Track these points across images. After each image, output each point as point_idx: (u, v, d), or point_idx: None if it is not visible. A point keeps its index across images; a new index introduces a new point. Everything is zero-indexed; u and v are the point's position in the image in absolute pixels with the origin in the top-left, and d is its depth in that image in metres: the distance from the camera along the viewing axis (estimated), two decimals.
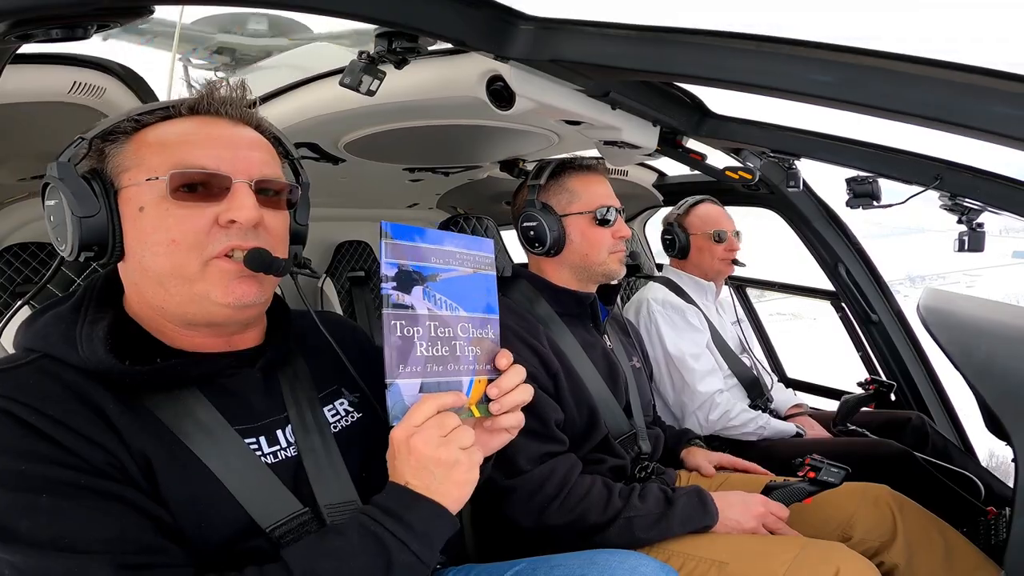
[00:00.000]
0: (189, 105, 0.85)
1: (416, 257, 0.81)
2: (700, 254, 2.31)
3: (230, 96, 0.86)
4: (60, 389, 0.73)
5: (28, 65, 1.17)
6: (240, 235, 0.80)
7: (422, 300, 0.80)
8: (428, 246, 0.82)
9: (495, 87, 1.27)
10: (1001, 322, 1.32)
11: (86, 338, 0.76)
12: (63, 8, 0.77)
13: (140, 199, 0.79)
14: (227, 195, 0.80)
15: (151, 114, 0.83)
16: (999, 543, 1.55)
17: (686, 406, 2.05)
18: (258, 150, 0.86)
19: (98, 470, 0.70)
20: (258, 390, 0.88)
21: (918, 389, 2.44)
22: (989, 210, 1.66)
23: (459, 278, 0.85)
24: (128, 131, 0.82)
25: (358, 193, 2.41)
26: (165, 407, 0.78)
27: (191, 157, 0.79)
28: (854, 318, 2.59)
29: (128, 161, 0.81)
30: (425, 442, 0.75)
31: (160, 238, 0.78)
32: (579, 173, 1.59)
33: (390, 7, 0.96)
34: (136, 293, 0.83)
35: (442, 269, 0.83)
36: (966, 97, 0.86)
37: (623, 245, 1.57)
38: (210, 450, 0.78)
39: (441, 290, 0.82)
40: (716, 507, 1.28)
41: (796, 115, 1.52)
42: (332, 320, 1.08)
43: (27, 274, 1.94)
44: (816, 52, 0.94)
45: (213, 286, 0.79)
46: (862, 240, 2.49)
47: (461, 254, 0.86)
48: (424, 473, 0.75)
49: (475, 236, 0.89)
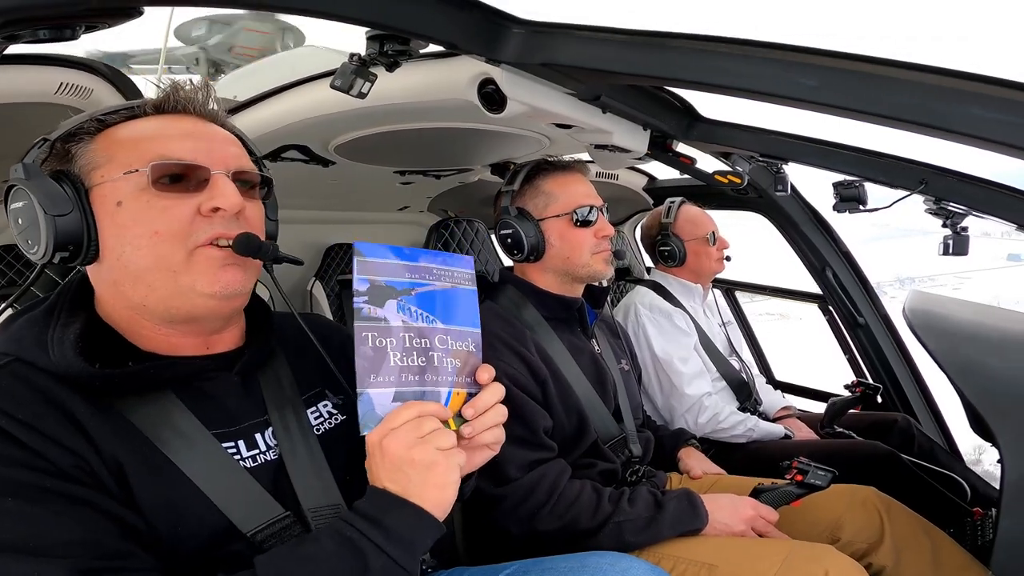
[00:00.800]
0: (154, 104, 0.84)
1: (389, 273, 0.82)
2: (697, 258, 2.30)
3: (194, 93, 0.86)
4: (30, 393, 0.72)
5: (14, 66, 1.16)
6: (223, 223, 0.80)
7: (396, 313, 0.81)
8: (402, 263, 0.83)
9: (486, 90, 1.27)
10: (985, 324, 1.34)
11: (57, 342, 0.75)
12: (51, 9, 0.76)
13: (117, 194, 0.78)
14: (207, 186, 0.80)
15: (115, 113, 0.83)
16: (985, 544, 1.56)
17: (675, 409, 2.06)
18: (232, 144, 0.87)
19: (66, 474, 0.68)
20: (236, 393, 0.87)
21: (904, 391, 2.47)
22: (973, 214, 1.68)
23: (437, 292, 0.85)
24: (92, 131, 0.81)
25: (348, 196, 2.40)
26: (139, 411, 0.77)
27: (168, 150, 0.79)
28: (841, 321, 2.62)
29: (98, 158, 0.79)
30: (398, 442, 0.74)
31: (142, 231, 0.77)
32: (555, 174, 1.56)
33: (382, 10, 0.96)
34: (112, 294, 0.82)
35: (418, 284, 0.84)
36: (947, 101, 0.87)
37: (607, 244, 1.55)
38: (186, 454, 0.77)
39: (417, 303, 0.83)
40: (706, 510, 1.29)
41: (784, 120, 1.53)
42: (317, 322, 1.07)
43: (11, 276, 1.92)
44: (801, 56, 0.95)
45: (199, 275, 0.78)
46: (863, 242, 2.51)
47: (438, 270, 0.86)
48: (399, 475, 0.74)
49: (453, 253, 0.90)
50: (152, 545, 0.72)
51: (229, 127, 0.91)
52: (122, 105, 0.84)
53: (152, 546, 0.72)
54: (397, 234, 2.93)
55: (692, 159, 1.89)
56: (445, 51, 1.23)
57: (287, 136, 1.61)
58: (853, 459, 1.80)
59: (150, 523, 0.73)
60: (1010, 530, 1.00)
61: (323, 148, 1.71)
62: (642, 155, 1.76)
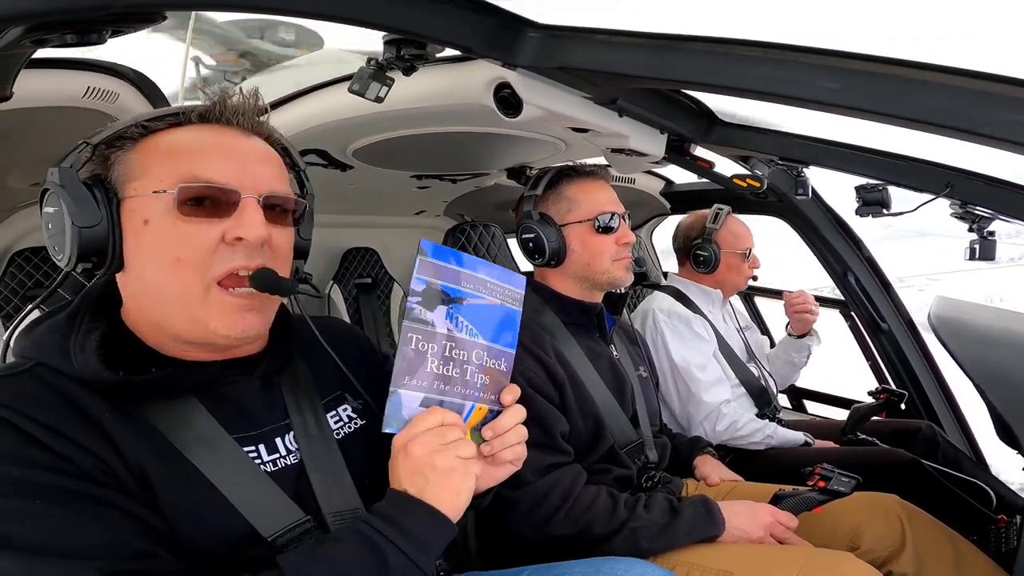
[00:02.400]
0: (200, 113, 0.82)
1: (447, 278, 0.82)
2: (728, 271, 2.26)
3: (242, 105, 0.84)
4: (54, 397, 0.73)
5: (42, 70, 1.19)
6: (246, 254, 0.78)
7: (444, 320, 0.82)
8: (461, 270, 0.84)
9: (502, 94, 1.28)
10: (1013, 331, 1.30)
11: (79, 348, 0.76)
12: (78, 14, 0.78)
13: (145, 211, 0.77)
14: (235, 211, 0.78)
15: (160, 120, 0.81)
16: (1009, 551, 1.53)
17: (692, 417, 2.04)
18: (268, 164, 0.84)
19: (91, 477, 0.69)
20: (257, 398, 0.87)
21: (928, 398, 2.42)
22: (1000, 218, 1.65)
23: (485, 306, 0.86)
24: (135, 137, 0.80)
25: (366, 200, 2.42)
26: (161, 416, 0.77)
27: (199, 169, 0.77)
28: (863, 327, 2.57)
29: (134, 170, 0.78)
30: (422, 447, 0.76)
31: (164, 254, 0.76)
32: (578, 180, 1.57)
33: (399, 15, 0.96)
34: (135, 306, 0.82)
35: (470, 294, 0.84)
36: (977, 103, 0.85)
37: (628, 252, 1.55)
38: (207, 459, 0.77)
39: (465, 314, 0.84)
40: (723, 516, 1.27)
41: (805, 122, 1.52)
42: (334, 326, 1.06)
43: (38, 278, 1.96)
44: (825, 59, 0.94)
45: (214, 317, 0.78)
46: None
47: (492, 284, 0.87)
48: (418, 477, 0.76)
49: (509, 270, 0.90)
50: (175, 549, 0.73)
51: (275, 140, 0.89)
52: (167, 111, 0.83)
53: (175, 550, 0.73)
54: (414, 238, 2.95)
55: (710, 163, 1.87)
56: (461, 55, 1.24)
57: (306, 140, 1.63)
58: (875, 466, 1.76)
59: (172, 527, 0.73)
60: None
61: (341, 152, 1.73)
62: (659, 159, 1.75)
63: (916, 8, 0.92)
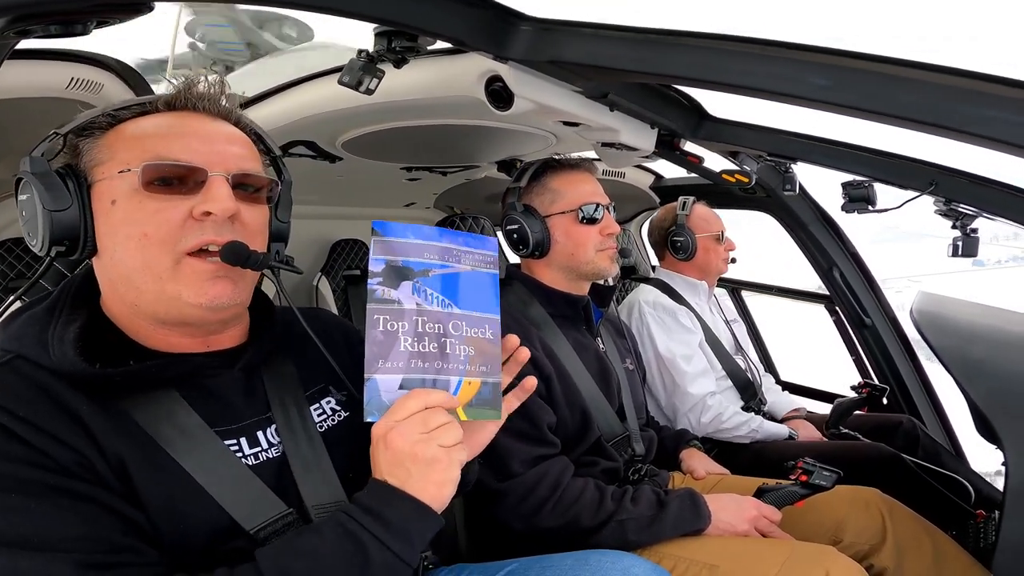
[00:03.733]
0: (166, 100, 0.83)
1: (407, 252, 0.79)
2: (706, 255, 2.33)
3: (208, 92, 0.85)
4: (32, 390, 0.72)
5: (26, 60, 1.17)
6: (215, 229, 0.78)
7: (410, 295, 0.78)
8: (421, 242, 0.80)
9: (494, 87, 1.27)
10: (993, 326, 1.33)
11: (57, 340, 0.75)
12: (62, 4, 0.77)
13: (112, 192, 0.78)
14: (202, 188, 0.78)
15: (127, 109, 0.82)
16: (988, 546, 1.56)
17: (678, 408, 2.06)
18: (236, 144, 0.85)
19: (68, 470, 0.69)
20: (239, 391, 0.86)
21: (910, 393, 2.46)
22: (984, 216, 1.67)
23: (456, 275, 0.81)
24: (103, 126, 0.81)
25: (355, 192, 2.41)
26: (141, 409, 0.77)
27: (165, 150, 0.78)
28: (848, 322, 2.60)
29: (102, 155, 0.80)
30: (402, 437, 0.73)
31: (132, 231, 0.77)
32: (561, 172, 1.57)
33: (390, 6, 0.96)
34: (111, 290, 0.82)
35: (436, 265, 0.80)
36: (961, 101, 0.86)
37: (613, 242, 1.55)
38: (187, 452, 0.77)
39: (433, 285, 0.79)
40: (708, 510, 1.29)
41: (793, 119, 1.53)
42: (320, 317, 1.05)
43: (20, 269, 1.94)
44: (813, 55, 0.94)
45: (185, 287, 0.78)
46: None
47: (459, 251, 0.83)
48: (399, 469, 0.74)
49: (477, 235, 0.85)
50: (155, 542, 0.73)
51: (244, 124, 0.90)
52: (134, 101, 0.83)
53: (155, 542, 0.73)
54: None
55: (700, 158, 1.88)
56: (453, 48, 1.23)
57: (295, 132, 1.61)
58: (857, 460, 1.79)
59: (152, 520, 0.73)
60: (1013, 532, 0.99)
61: (331, 144, 1.71)
62: (649, 153, 1.75)
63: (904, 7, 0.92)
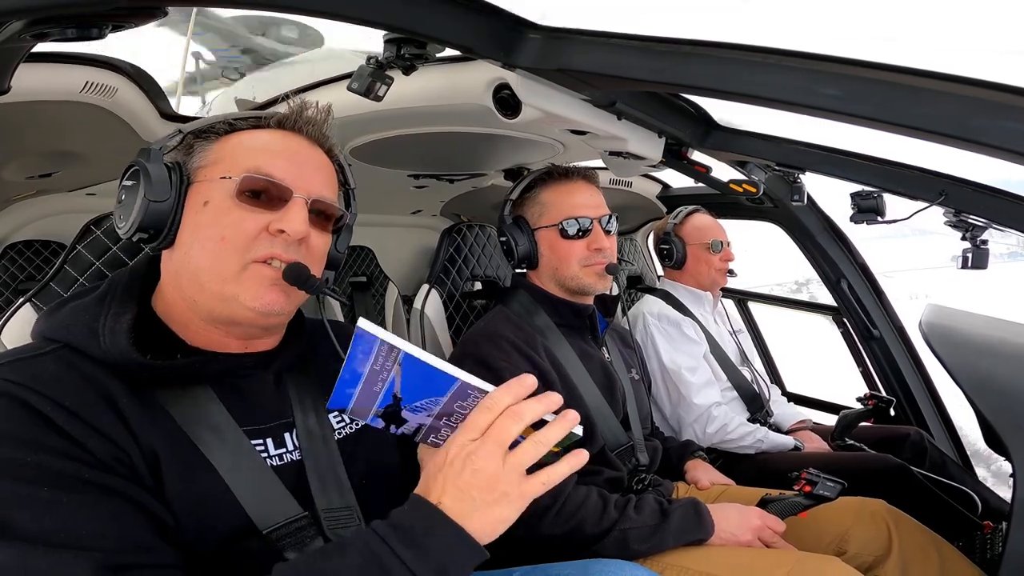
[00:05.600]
0: (278, 120, 0.91)
1: (365, 398, 0.72)
2: (697, 264, 2.31)
3: (315, 117, 0.93)
4: (79, 380, 0.73)
5: (41, 64, 1.18)
6: (283, 246, 0.83)
7: (414, 416, 0.74)
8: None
9: (502, 95, 1.28)
10: (1002, 339, 1.32)
11: (109, 330, 0.77)
12: (79, 8, 0.78)
13: (208, 194, 0.83)
14: (283, 206, 0.84)
15: (245, 120, 0.90)
16: (995, 558, 1.54)
17: (683, 419, 2.05)
18: (322, 172, 0.91)
19: (104, 464, 0.69)
20: (269, 393, 0.89)
21: (917, 405, 2.44)
22: (994, 227, 1.66)
23: (396, 379, 0.70)
24: (221, 132, 0.89)
25: (362, 198, 2.40)
26: (177, 403, 0.79)
27: (264, 165, 0.84)
28: (855, 333, 2.59)
29: (209, 159, 0.86)
30: (491, 459, 0.66)
31: (212, 234, 0.82)
32: (552, 184, 1.55)
33: (400, 14, 0.97)
34: (172, 283, 0.86)
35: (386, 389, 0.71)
36: (976, 112, 0.85)
37: (601, 257, 1.51)
38: (217, 449, 0.79)
39: (410, 399, 0.72)
40: (712, 520, 1.28)
41: (802, 128, 1.53)
42: (345, 332, 1.07)
43: (30, 271, 1.95)
44: (823, 65, 0.94)
45: (245, 289, 0.82)
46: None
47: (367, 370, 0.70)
48: (465, 499, 0.66)
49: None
50: (176, 538, 0.73)
51: (334, 155, 0.97)
52: (252, 114, 0.91)
53: (176, 539, 0.73)
54: (410, 238, 2.95)
55: (707, 167, 1.88)
56: (461, 55, 1.24)
57: None
58: (863, 472, 1.77)
59: (176, 515, 0.74)
60: (1020, 544, 0.98)
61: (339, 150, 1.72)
62: (657, 162, 1.75)
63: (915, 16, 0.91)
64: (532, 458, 0.68)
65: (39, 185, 1.83)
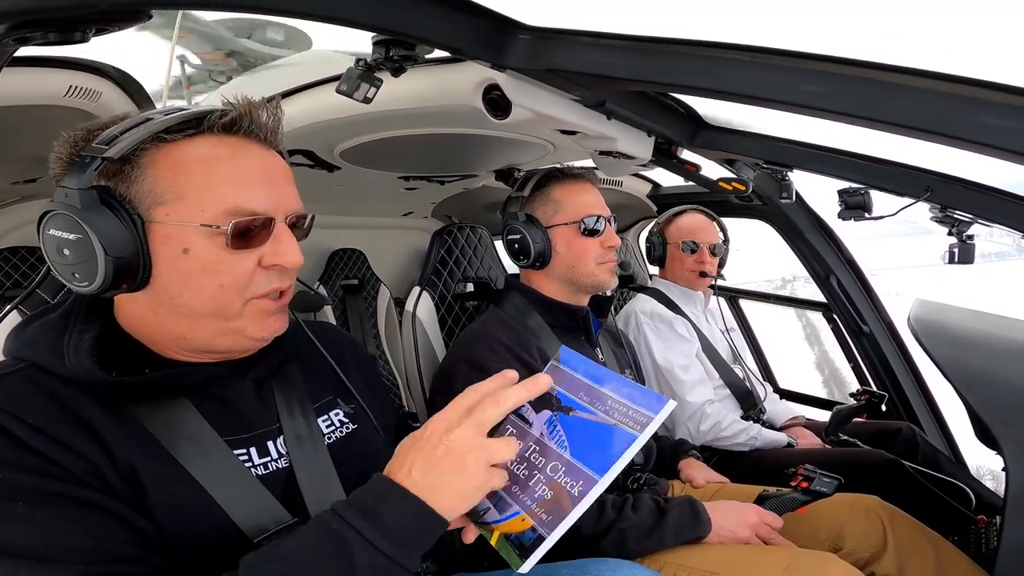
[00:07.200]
0: (224, 124, 0.79)
1: (567, 386, 0.77)
2: (672, 263, 2.37)
3: (268, 120, 0.83)
4: (45, 399, 0.72)
5: (24, 68, 1.17)
6: (280, 277, 0.82)
7: (542, 424, 0.76)
8: (587, 382, 0.76)
9: (491, 96, 1.28)
10: (991, 333, 1.33)
11: (73, 348, 0.75)
12: (62, 11, 0.77)
13: (185, 240, 0.76)
14: (270, 237, 0.81)
15: (178, 125, 0.77)
16: (990, 551, 1.55)
17: (676, 417, 2.05)
18: (289, 180, 0.86)
19: (78, 479, 0.68)
20: (250, 400, 0.87)
21: (908, 400, 2.46)
22: (979, 222, 1.67)
23: (591, 423, 0.73)
24: (150, 148, 0.77)
25: (353, 201, 2.41)
26: (153, 417, 0.77)
27: (243, 200, 0.77)
28: (845, 329, 2.61)
29: (165, 191, 0.75)
30: (462, 441, 0.67)
31: (208, 282, 0.77)
32: (565, 183, 1.58)
33: (388, 15, 0.96)
34: (146, 316, 0.81)
35: (581, 407, 0.75)
36: (957, 108, 0.86)
37: (613, 255, 1.56)
38: (197, 461, 0.77)
39: (565, 425, 0.75)
40: (709, 517, 1.28)
41: (790, 126, 1.53)
42: (328, 331, 1.06)
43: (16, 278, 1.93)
44: (808, 63, 0.94)
45: (250, 322, 0.81)
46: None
47: (615, 402, 0.73)
48: (433, 471, 0.67)
49: (652, 392, 0.73)
50: (161, 550, 0.72)
51: (283, 152, 0.89)
52: (187, 115, 0.78)
53: (161, 551, 0.72)
54: (401, 240, 2.94)
55: (697, 166, 1.88)
56: (450, 57, 1.24)
57: (292, 141, 1.61)
58: (857, 467, 1.79)
59: (160, 528, 0.73)
60: (1014, 538, 0.99)
61: (328, 153, 1.71)
62: (646, 162, 1.76)
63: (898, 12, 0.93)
64: (494, 420, 0.70)
65: (24, 191, 1.81)
